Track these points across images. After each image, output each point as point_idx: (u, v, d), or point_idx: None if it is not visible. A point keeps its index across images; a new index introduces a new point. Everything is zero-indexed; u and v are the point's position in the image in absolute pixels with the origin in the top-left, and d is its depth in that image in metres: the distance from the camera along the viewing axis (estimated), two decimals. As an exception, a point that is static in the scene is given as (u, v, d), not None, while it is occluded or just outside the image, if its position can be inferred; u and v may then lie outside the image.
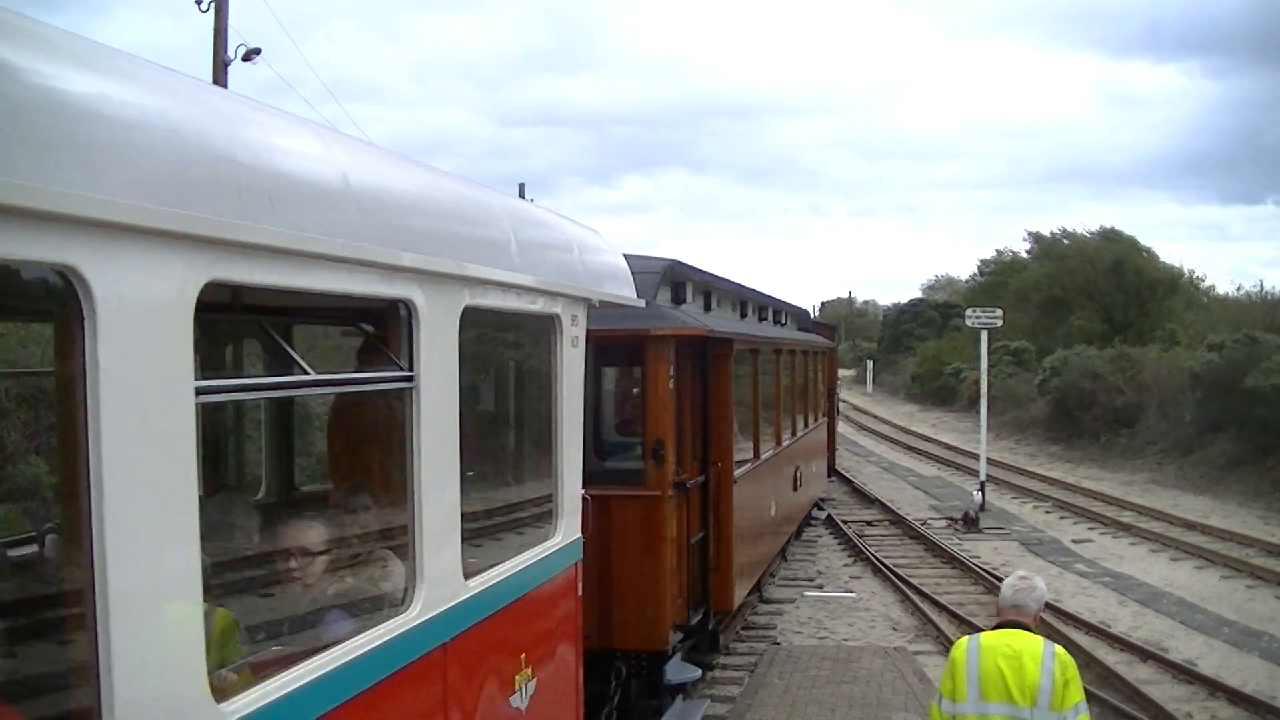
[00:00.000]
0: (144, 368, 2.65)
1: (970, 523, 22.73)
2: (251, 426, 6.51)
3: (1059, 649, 5.70)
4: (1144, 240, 58.45)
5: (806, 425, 18.42)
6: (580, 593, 6.27)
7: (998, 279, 67.50)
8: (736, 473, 11.61)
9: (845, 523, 22.26)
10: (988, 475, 25.92)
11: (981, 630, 6.19)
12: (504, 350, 6.55)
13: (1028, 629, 5.73)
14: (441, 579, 4.28)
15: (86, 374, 2.49)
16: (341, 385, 4.41)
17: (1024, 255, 66.46)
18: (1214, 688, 12.28)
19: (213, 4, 20.06)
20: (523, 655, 5.23)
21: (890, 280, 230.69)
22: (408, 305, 4.02)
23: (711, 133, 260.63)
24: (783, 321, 17.50)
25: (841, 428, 39.57)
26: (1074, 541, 21.26)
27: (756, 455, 13.40)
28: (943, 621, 15.00)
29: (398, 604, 4.14)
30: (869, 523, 23.02)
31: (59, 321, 2.93)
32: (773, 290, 18.67)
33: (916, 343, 75.66)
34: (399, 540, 4.27)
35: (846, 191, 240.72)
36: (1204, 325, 44.62)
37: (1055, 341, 48.90)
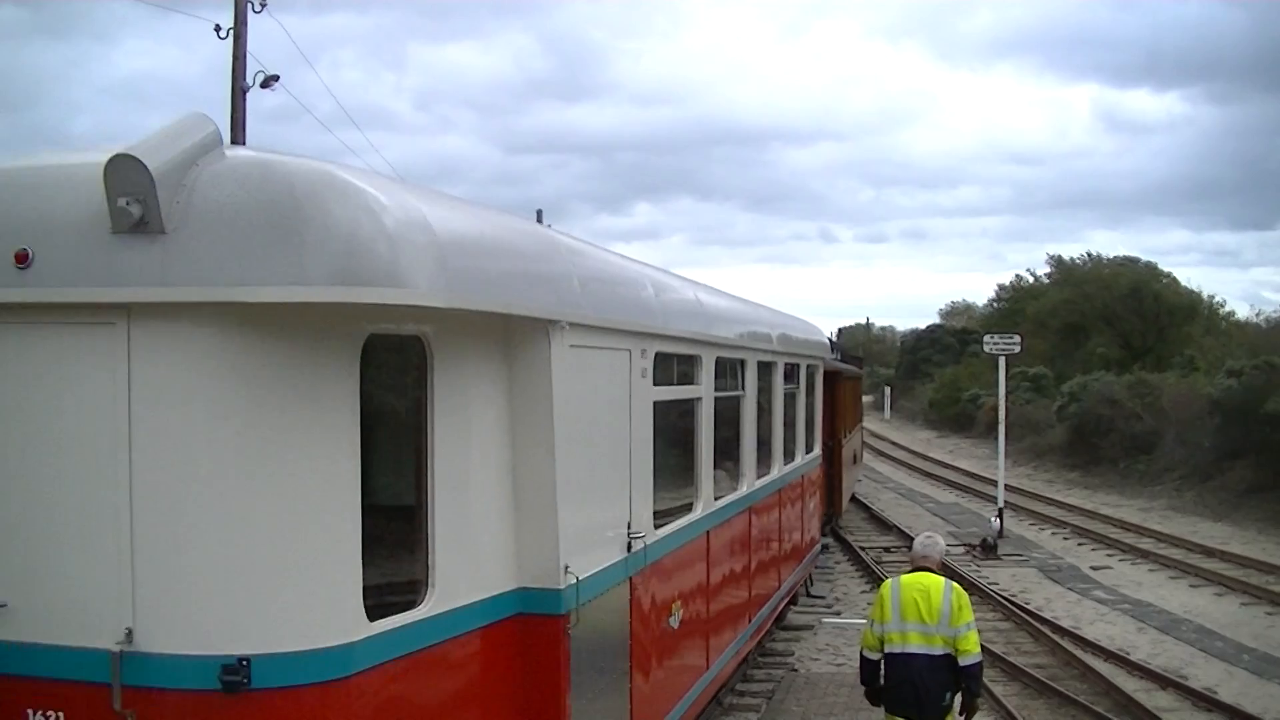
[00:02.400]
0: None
1: (988, 549, 22.69)
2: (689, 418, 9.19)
3: (955, 585, 8.20)
4: (1159, 266, 57.99)
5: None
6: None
7: (1016, 305, 67.50)
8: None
9: (863, 549, 22.26)
10: (1006, 502, 25.87)
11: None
12: (785, 383, 12.91)
13: (933, 571, 8.27)
14: (715, 493, 9.44)
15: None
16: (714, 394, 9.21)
17: (1044, 279, 66.39)
18: (1234, 715, 12.23)
19: (232, 31, 20.38)
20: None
21: (906, 306, 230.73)
22: (742, 363, 10.29)
23: (717, 159, 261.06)
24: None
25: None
26: (1093, 568, 21.21)
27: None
28: (960, 648, 14.97)
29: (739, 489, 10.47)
30: (887, 549, 23.00)
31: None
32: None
33: (934, 369, 75.53)
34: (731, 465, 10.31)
35: (855, 217, 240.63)
36: (1222, 351, 44.51)
37: (1074, 367, 48.83)
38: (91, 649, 4.14)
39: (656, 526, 7.42)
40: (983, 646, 13.35)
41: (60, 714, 4.20)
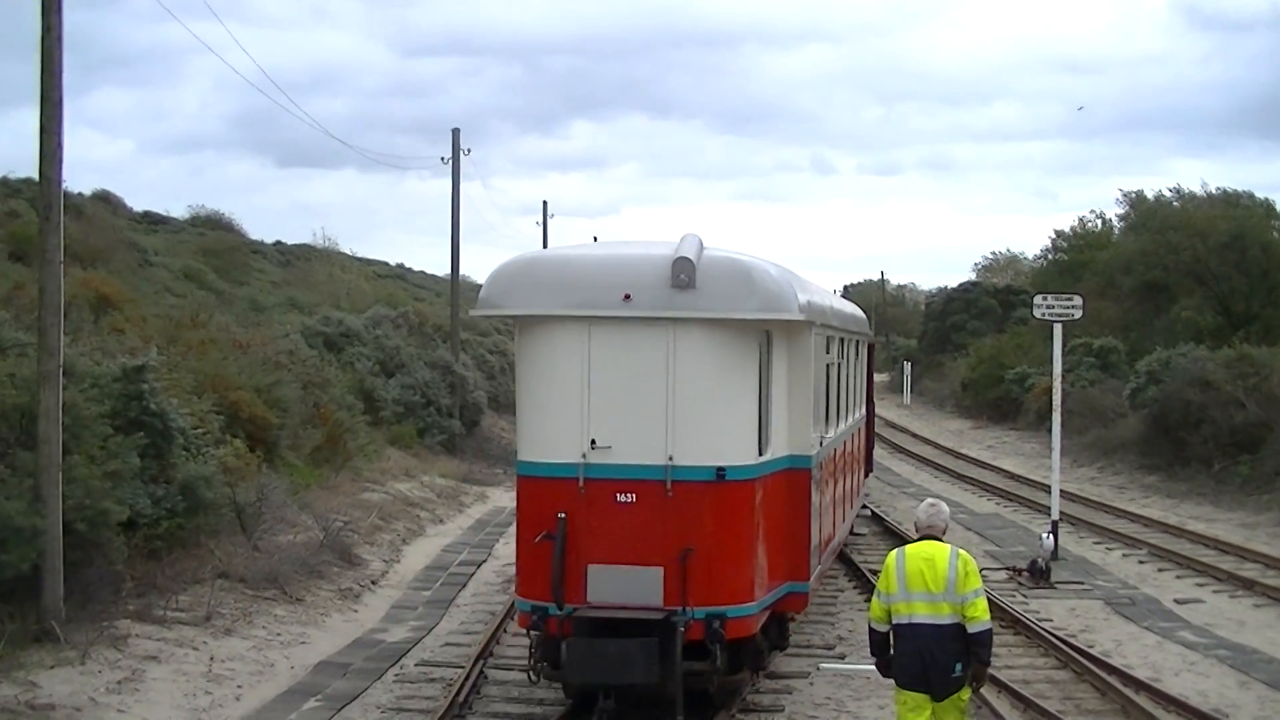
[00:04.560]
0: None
1: (1039, 575, 22.85)
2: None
3: (962, 551, 10.69)
4: (1276, 206, 58.12)
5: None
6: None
7: (1077, 257, 68.04)
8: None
9: (874, 572, 22.27)
10: (1062, 513, 26.01)
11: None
12: (854, 354, 22.57)
13: (938, 539, 10.76)
14: (840, 420, 20.00)
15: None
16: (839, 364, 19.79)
17: (1115, 222, 66.86)
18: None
19: None
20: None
21: (930, 257, 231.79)
22: (842, 339, 20.36)
23: (676, 66, 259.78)
24: None
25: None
26: (1177, 602, 21.42)
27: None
28: (1004, 705, 15.07)
29: (847, 420, 21.24)
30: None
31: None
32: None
33: (969, 339, 76.11)
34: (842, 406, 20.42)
35: (858, 143, 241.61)
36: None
37: (1153, 339, 49.36)
38: (654, 464, 13.45)
39: (824, 435, 17.22)
40: (1029, 702, 13.89)
41: (634, 495, 13.44)
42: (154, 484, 18.75)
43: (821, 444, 16.55)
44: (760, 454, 14.22)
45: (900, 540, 26.85)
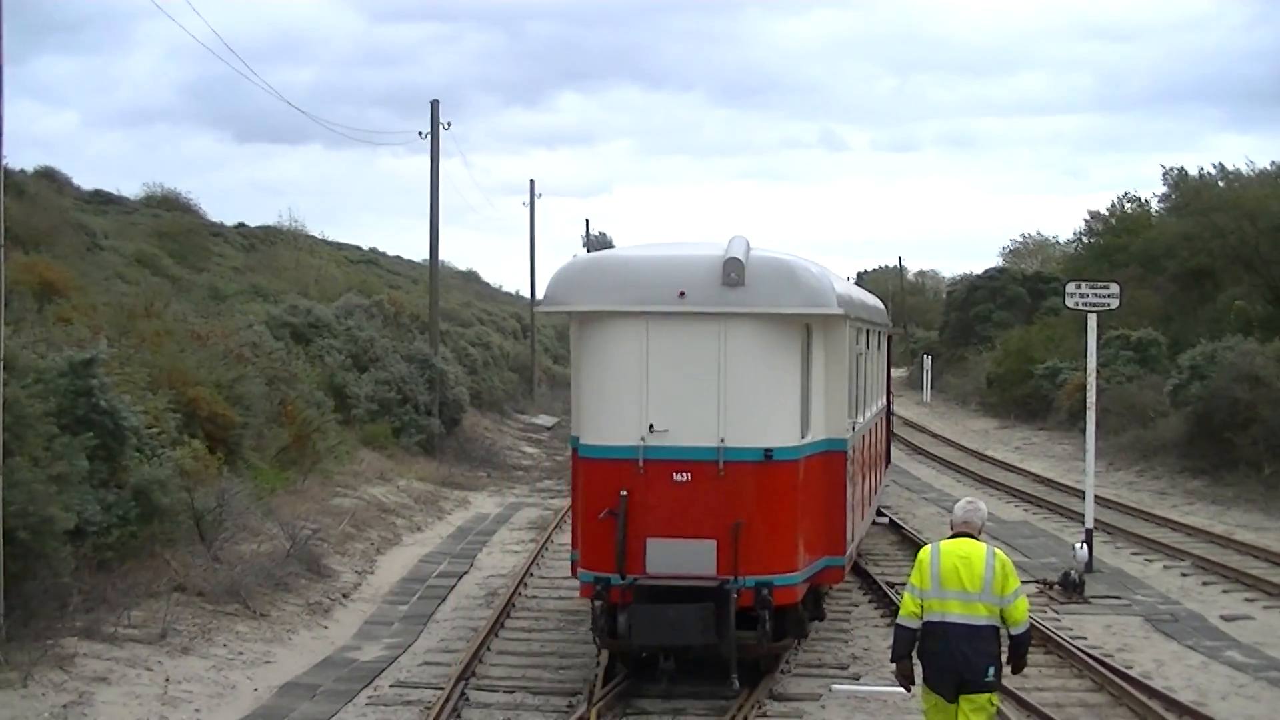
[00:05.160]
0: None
1: (1072, 588, 22.84)
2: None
3: (998, 551, 11.30)
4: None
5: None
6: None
7: (1113, 240, 68.11)
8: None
9: (892, 585, 22.29)
10: (1096, 521, 26.01)
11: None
12: (877, 346, 25.00)
13: (975, 538, 11.34)
14: (868, 407, 22.68)
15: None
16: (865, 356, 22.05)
17: (1155, 203, 66.87)
18: None
19: None
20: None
21: (951, 242, 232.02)
22: (883, 332, 26.58)
23: (671, 34, 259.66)
24: None
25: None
26: (1224, 618, 21.42)
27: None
28: (1034, 731, 15.03)
29: (873, 408, 23.87)
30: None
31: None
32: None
33: (994, 331, 76.24)
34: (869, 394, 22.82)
35: (871, 117, 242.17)
36: None
37: (1197, 330, 49.28)
38: (707, 446, 16.08)
39: (855, 420, 19.48)
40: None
41: (688, 474, 16.03)
42: (104, 488, 18.74)
43: (854, 429, 19.08)
44: (802, 436, 16.94)
45: (916, 549, 26.84)
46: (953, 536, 11.42)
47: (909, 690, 12.10)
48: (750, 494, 16.20)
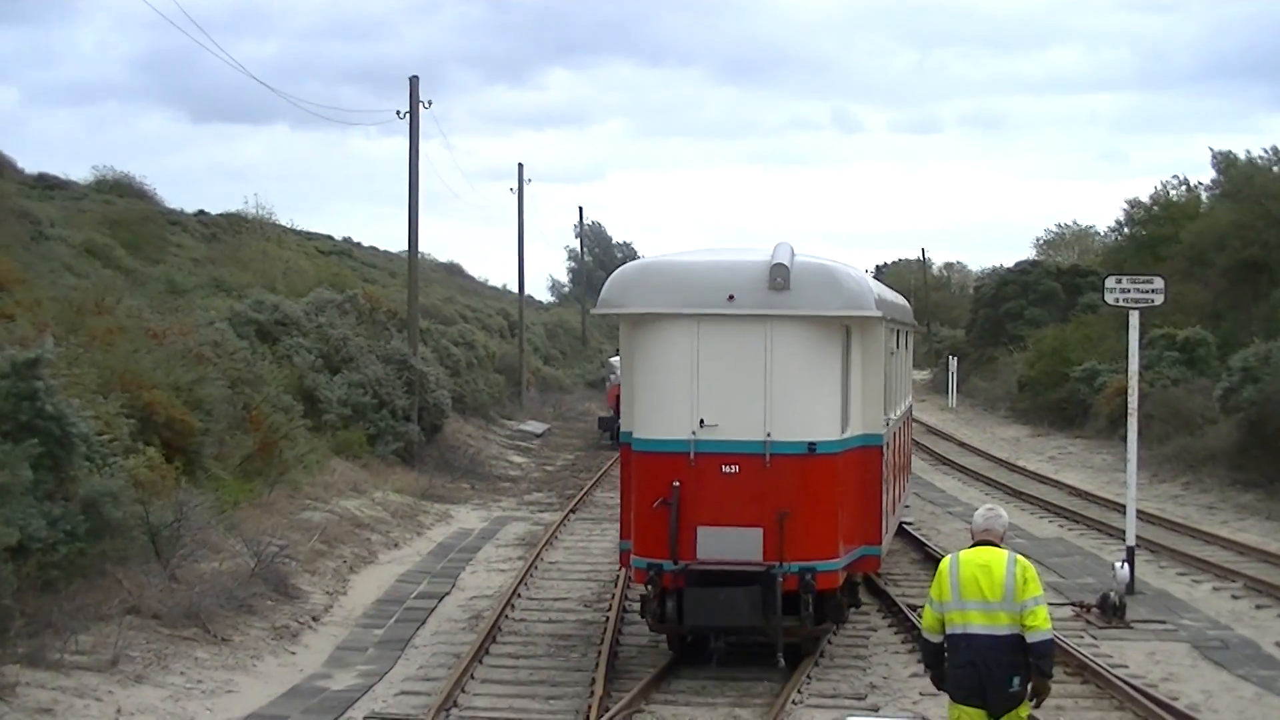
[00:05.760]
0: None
1: (1112, 612, 22.80)
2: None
3: (1020, 557, 11.79)
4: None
5: None
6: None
7: (1158, 231, 68.01)
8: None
9: (913, 608, 22.23)
10: (1139, 538, 25.95)
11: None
12: (906, 346, 29.72)
13: (996, 545, 11.87)
14: (900, 403, 26.75)
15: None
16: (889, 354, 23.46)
17: (1205, 189, 66.70)
18: None
19: None
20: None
21: (980, 233, 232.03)
22: (908, 331, 30.25)
23: (669, 5, 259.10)
24: None
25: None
26: (1279, 646, 21.37)
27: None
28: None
29: (903, 405, 27.83)
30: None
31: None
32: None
33: (1027, 330, 76.13)
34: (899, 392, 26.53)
35: (889, 95, 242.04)
36: None
37: (1250, 329, 49.20)
38: (754, 440, 18.90)
39: (889, 417, 21.88)
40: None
41: (737, 466, 18.82)
42: (50, 501, 18.70)
43: (887, 425, 21.58)
44: (842, 431, 19.58)
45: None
46: (974, 545, 11.99)
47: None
48: (794, 485, 18.75)
